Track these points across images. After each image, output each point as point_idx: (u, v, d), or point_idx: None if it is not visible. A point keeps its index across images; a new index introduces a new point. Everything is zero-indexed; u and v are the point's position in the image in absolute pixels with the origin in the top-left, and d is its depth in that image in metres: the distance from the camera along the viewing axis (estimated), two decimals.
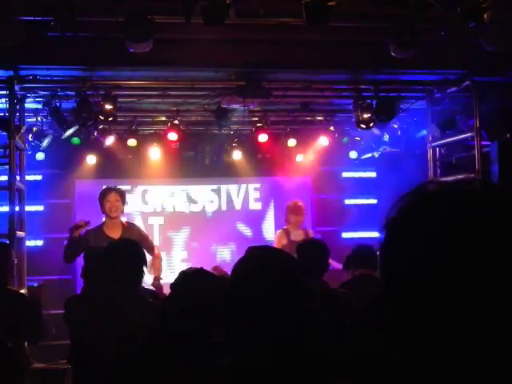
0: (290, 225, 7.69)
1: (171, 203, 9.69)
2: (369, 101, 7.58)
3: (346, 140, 9.54)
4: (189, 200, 9.75)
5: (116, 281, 3.61)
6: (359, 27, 6.18)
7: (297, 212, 7.64)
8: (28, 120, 7.77)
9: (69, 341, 4.01)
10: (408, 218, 0.87)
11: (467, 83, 7.14)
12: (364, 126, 7.77)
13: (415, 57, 5.94)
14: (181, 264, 9.27)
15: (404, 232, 0.86)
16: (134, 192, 9.43)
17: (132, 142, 8.88)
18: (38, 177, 9.18)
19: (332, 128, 9.31)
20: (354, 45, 6.43)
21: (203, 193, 9.78)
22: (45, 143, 8.44)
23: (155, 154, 9.22)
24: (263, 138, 8.75)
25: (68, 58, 6.23)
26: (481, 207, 0.83)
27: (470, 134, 7.28)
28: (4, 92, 6.68)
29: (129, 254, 3.72)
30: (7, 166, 6.60)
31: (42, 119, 8.00)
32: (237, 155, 9.42)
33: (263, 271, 1.88)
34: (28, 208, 7.44)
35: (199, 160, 9.49)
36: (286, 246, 6.98)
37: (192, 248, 9.58)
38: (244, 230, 9.83)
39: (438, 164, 8.21)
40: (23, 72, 6.56)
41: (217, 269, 6.35)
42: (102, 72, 6.86)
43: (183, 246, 9.61)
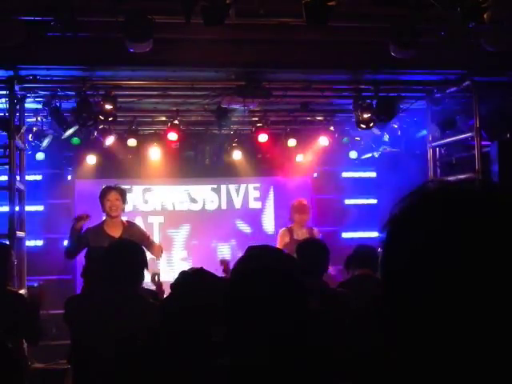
0: (295, 223, 7.59)
1: (171, 203, 9.69)
2: (369, 101, 7.58)
3: (346, 140, 9.54)
4: (189, 200, 9.75)
5: (116, 281, 3.62)
6: (359, 27, 6.17)
7: (301, 211, 7.53)
8: (28, 120, 7.77)
9: (69, 341, 4.01)
10: (408, 218, 0.87)
11: (467, 83, 7.14)
12: (364, 126, 7.77)
13: (415, 57, 5.93)
14: (181, 262, 9.30)
15: (404, 232, 0.86)
16: (134, 192, 9.42)
17: (132, 142, 8.88)
18: (38, 177, 9.18)
19: (332, 128, 9.31)
20: (354, 45, 6.43)
21: (203, 192, 9.77)
22: (45, 143, 8.44)
23: (155, 154, 9.22)
24: (263, 138, 8.75)
25: (68, 58, 6.23)
26: (481, 207, 0.83)
27: (470, 134, 7.27)
28: (4, 92, 6.68)
29: (129, 255, 3.73)
30: (7, 166, 6.60)
31: (42, 119, 8.00)
32: (237, 155, 9.42)
33: (263, 271, 1.88)
34: (28, 208, 7.44)
35: (199, 160, 9.49)
36: (288, 245, 7.00)
37: (192, 245, 9.59)
38: (244, 229, 9.83)
39: (438, 164, 8.21)
40: (23, 72, 6.56)
41: (224, 262, 6.38)
42: (102, 72, 6.85)
43: (183, 245, 9.61)
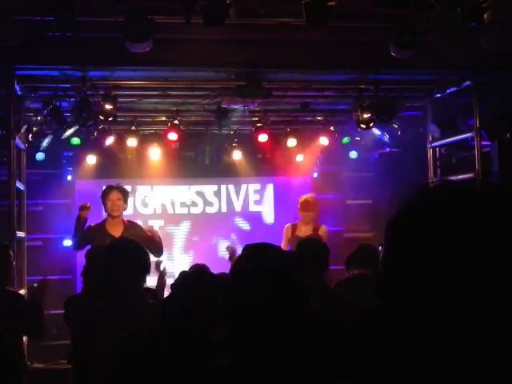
0: (301, 220, 7.54)
1: (171, 205, 9.68)
2: (369, 101, 7.58)
3: (346, 140, 9.54)
4: (189, 199, 9.74)
5: (116, 281, 3.61)
6: (359, 27, 6.17)
7: (304, 208, 7.45)
8: (28, 120, 7.77)
9: (69, 341, 4.01)
10: (409, 218, 0.87)
11: (467, 83, 7.14)
12: (364, 126, 7.77)
13: (415, 57, 5.93)
14: (181, 256, 9.30)
15: (405, 231, 0.86)
16: (134, 192, 9.40)
17: (132, 142, 8.87)
18: (38, 177, 9.17)
19: (332, 128, 9.31)
20: (354, 45, 6.43)
21: (203, 192, 9.76)
22: (45, 143, 8.44)
23: (155, 154, 9.22)
24: (263, 138, 8.74)
25: (68, 58, 6.23)
26: (481, 207, 0.83)
27: (470, 134, 7.27)
28: (4, 92, 6.67)
29: (130, 255, 3.71)
30: (7, 166, 6.60)
31: (42, 119, 7.99)
32: (237, 155, 9.41)
33: (263, 271, 1.87)
34: (28, 208, 7.44)
35: (199, 160, 9.49)
36: (290, 241, 7.06)
37: (192, 242, 9.58)
38: (244, 226, 9.83)
39: (438, 164, 8.21)
40: (23, 72, 6.56)
41: (230, 249, 6.40)
42: (102, 72, 6.85)
43: (183, 243, 9.60)
